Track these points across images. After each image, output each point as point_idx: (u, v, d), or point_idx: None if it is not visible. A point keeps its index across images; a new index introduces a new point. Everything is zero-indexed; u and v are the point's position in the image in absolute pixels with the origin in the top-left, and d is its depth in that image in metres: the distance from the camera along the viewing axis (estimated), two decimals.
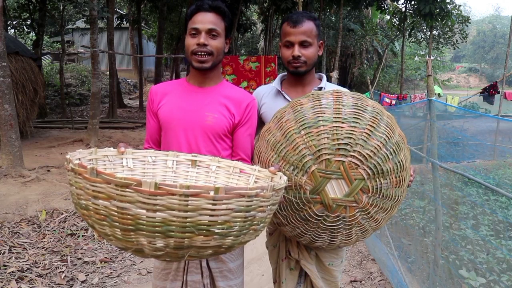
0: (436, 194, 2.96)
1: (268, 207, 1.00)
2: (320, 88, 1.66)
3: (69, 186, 0.99)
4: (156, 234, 0.87)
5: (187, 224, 0.87)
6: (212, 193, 0.86)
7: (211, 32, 1.45)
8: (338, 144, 1.23)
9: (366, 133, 1.24)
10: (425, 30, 17.45)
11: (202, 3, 1.46)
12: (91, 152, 1.18)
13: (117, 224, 0.88)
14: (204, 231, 0.89)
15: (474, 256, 4.63)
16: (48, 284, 2.93)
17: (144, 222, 0.86)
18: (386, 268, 3.27)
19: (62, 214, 4.16)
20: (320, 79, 1.75)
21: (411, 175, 1.39)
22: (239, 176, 1.35)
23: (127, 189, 0.85)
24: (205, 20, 1.45)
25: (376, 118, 1.27)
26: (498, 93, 11.49)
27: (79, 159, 1.11)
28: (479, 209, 6.03)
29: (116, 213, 0.87)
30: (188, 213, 0.86)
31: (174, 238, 0.88)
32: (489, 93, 12.08)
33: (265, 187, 0.96)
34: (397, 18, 16.85)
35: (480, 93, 12.89)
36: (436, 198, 2.96)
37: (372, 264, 3.50)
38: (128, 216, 0.86)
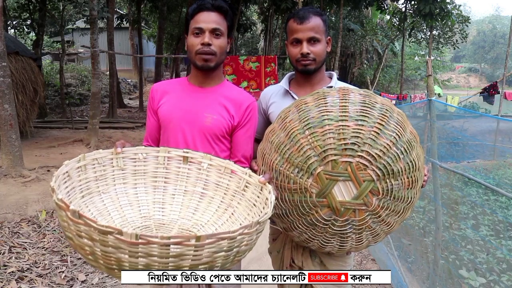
0: (436, 194, 2.96)
1: (254, 237, 0.99)
2: (330, 88, 1.56)
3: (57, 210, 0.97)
4: (139, 273, 0.89)
5: (169, 268, 0.88)
6: (193, 241, 0.85)
7: (214, 32, 1.45)
8: (345, 144, 1.15)
9: (375, 132, 1.16)
10: (425, 30, 17.42)
11: (204, 2, 1.45)
12: (78, 159, 1.15)
13: (101, 262, 0.89)
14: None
15: (474, 256, 4.63)
16: (48, 284, 2.93)
17: (127, 265, 0.87)
18: (386, 268, 3.27)
19: None
20: (331, 77, 1.66)
21: (424, 175, 1.32)
22: (230, 177, 1.32)
23: (109, 236, 0.84)
24: (209, 19, 1.44)
25: (385, 116, 1.19)
26: (498, 93, 11.49)
27: (68, 174, 1.09)
28: (479, 209, 6.03)
29: (99, 253, 0.88)
30: (170, 259, 0.86)
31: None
32: (489, 93, 12.08)
33: (249, 225, 0.93)
34: (397, 18, 16.82)
35: (480, 93, 12.89)
36: (436, 198, 2.96)
37: (372, 264, 3.50)
38: (112, 258, 0.87)
